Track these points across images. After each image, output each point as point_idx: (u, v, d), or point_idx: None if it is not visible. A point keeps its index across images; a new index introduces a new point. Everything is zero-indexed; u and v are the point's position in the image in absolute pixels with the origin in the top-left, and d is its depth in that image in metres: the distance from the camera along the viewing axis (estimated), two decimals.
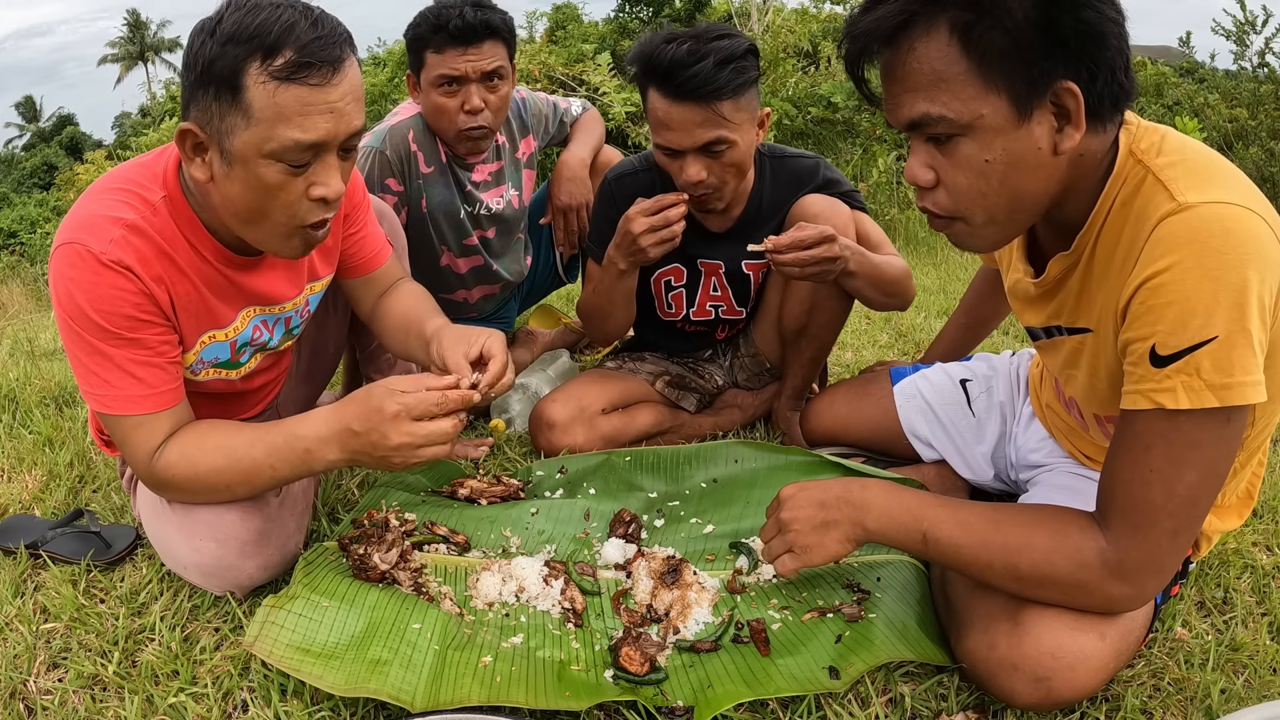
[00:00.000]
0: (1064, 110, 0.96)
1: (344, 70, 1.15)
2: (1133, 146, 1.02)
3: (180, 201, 1.27)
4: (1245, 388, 0.92)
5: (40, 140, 41.63)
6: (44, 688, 1.21)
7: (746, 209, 1.86)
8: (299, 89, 1.11)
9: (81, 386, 1.26)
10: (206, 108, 1.14)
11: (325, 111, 1.14)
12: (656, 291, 1.99)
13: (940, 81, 0.96)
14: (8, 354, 3.09)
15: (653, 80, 1.63)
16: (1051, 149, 0.98)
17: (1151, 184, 0.98)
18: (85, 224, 1.21)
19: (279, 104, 1.11)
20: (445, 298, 2.33)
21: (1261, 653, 1.22)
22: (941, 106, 0.97)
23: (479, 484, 1.70)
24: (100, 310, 1.20)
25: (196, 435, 1.28)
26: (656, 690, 1.14)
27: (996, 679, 1.07)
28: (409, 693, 1.11)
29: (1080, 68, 0.94)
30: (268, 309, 1.43)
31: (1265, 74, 6.23)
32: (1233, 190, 0.94)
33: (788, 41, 7.10)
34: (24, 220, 17.64)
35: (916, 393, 1.73)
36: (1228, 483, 1.19)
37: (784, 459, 1.67)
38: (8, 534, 1.57)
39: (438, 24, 1.92)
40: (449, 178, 2.14)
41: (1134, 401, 0.97)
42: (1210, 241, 0.91)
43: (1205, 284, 0.91)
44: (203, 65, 1.12)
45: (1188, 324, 0.91)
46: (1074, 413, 1.32)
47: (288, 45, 1.10)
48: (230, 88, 1.11)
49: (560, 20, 20.22)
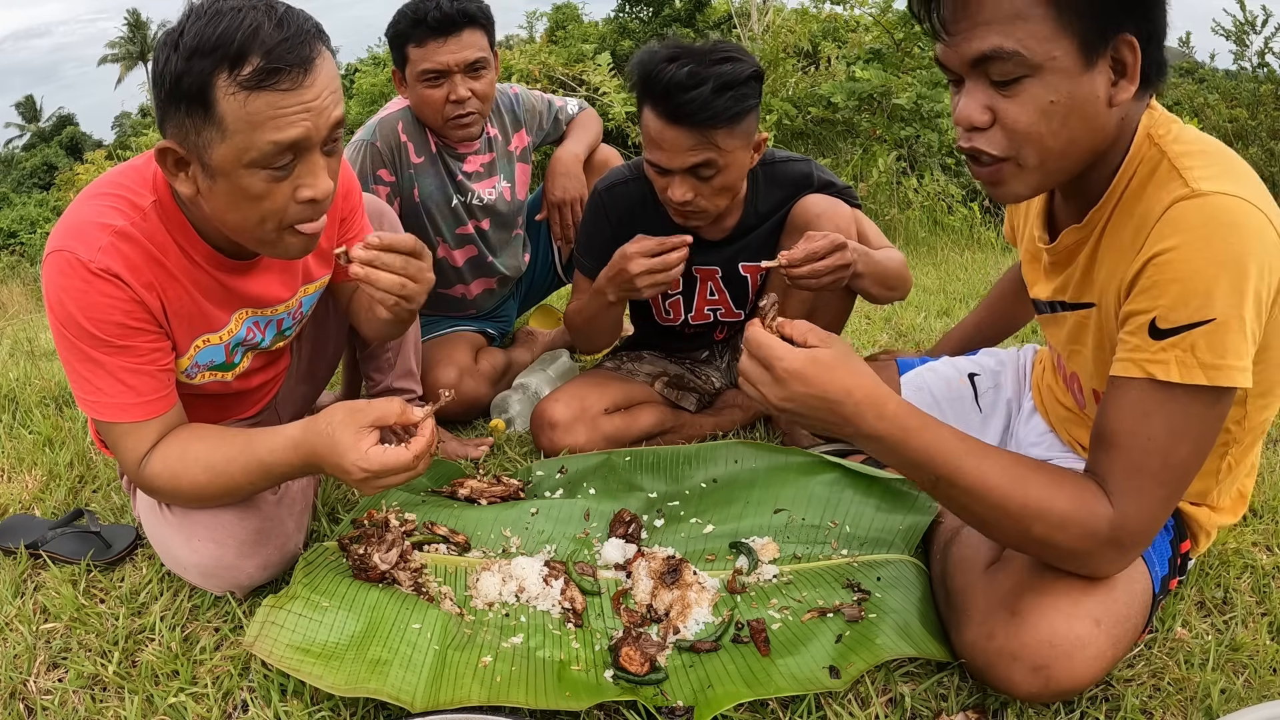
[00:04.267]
0: (1120, 64, 0.99)
1: (315, 69, 1.11)
2: (1151, 130, 1.05)
3: (170, 206, 1.26)
4: (1235, 371, 0.96)
5: (40, 140, 41.63)
6: (44, 688, 1.21)
7: (743, 217, 1.85)
8: (270, 95, 1.08)
9: (75, 392, 1.26)
10: (181, 124, 1.11)
11: (301, 112, 1.11)
12: (654, 301, 1.97)
13: (1018, 18, 0.98)
14: (8, 354, 3.09)
15: (648, 98, 1.59)
16: (1107, 100, 1.01)
17: (1167, 169, 1.02)
18: (75, 231, 1.20)
19: (251, 113, 1.08)
20: (444, 293, 2.33)
21: (1261, 653, 1.22)
22: (1016, 43, 0.98)
23: (479, 484, 1.70)
24: (91, 318, 1.19)
25: (179, 446, 1.28)
26: (656, 690, 1.14)
27: (995, 669, 1.08)
28: (409, 693, 1.11)
29: (1141, 26, 0.98)
30: (260, 311, 1.43)
31: (1265, 74, 6.23)
32: (1245, 187, 0.98)
33: (788, 41, 7.09)
34: (24, 220, 17.65)
35: (924, 385, 1.72)
36: (1223, 482, 1.21)
37: (784, 459, 1.66)
38: (8, 534, 1.57)
39: (416, 18, 1.96)
40: (440, 167, 2.16)
41: (1126, 369, 1.01)
42: (1219, 230, 0.95)
43: (1210, 267, 0.94)
44: (170, 81, 1.08)
45: (1189, 301, 0.95)
46: (1074, 389, 1.33)
47: (253, 52, 1.06)
48: (201, 103, 1.08)
49: (560, 20, 20.23)
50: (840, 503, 1.55)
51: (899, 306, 3.27)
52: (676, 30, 19.45)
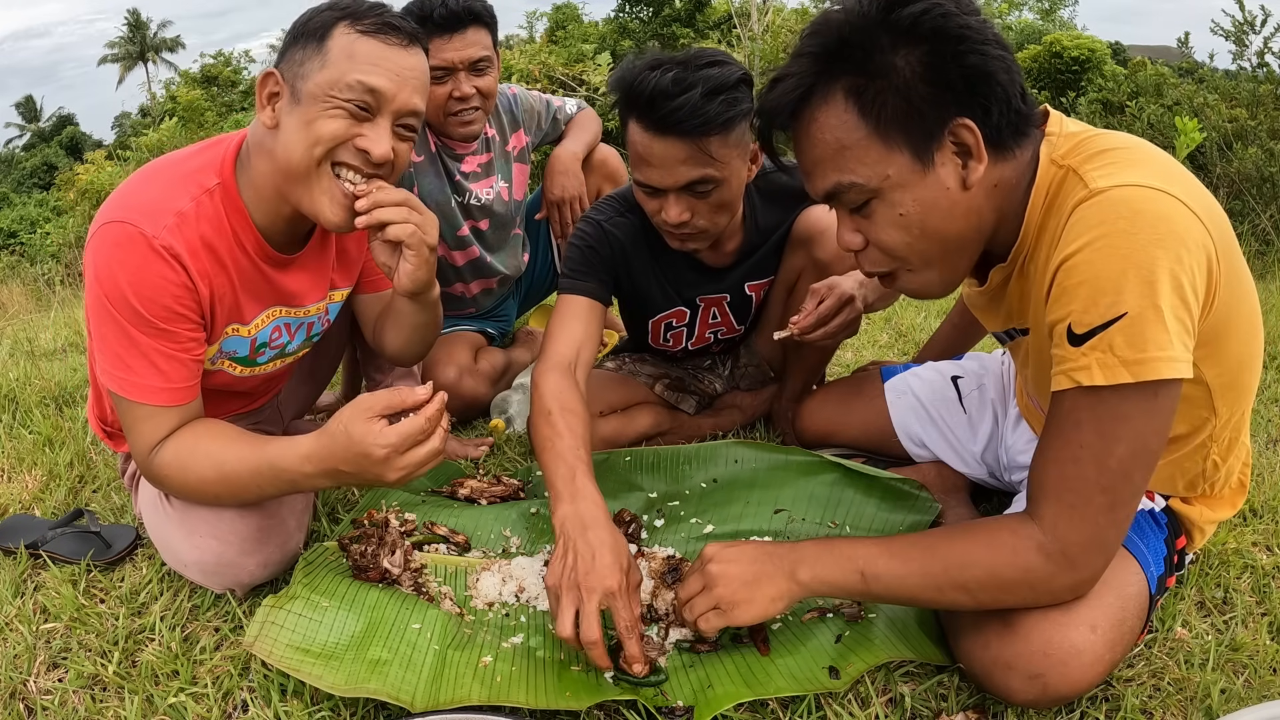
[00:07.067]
0: (964, 146, 1.01)
1: (417, 49, 1.29)
2: (1053, 155, 1.04)
3: (232, 190, 1.29)
4: (1159, 363, 0.92)
5: (40, 140, 41.67)
6: (44, 688, 1.21)
7: (745, 237, 1.76)
8: (375, 42, 1.24)
9: (102, 364, 1.26)
10: (293, 57, 1.25)
11: (392, 70, 1.25)
12: (654, 330, 1.91)
13: (844, 149, 1.03)
14: (8, 354, 3.09)
15: (633, 111, 1.45)
16: (960, 185, 1.02)
17: (1071, 179, 1.01)
18: (140, 205, 1.22)
19: (355, 51, 1.23)
20: (444, 292, 2.33)
21: (1261, 653, 1.22)
22: (850, 174, 1.03)
23: (479, 484, 1.70)
24: (141, 295, 1.20)
25: (191, 440, 1.28)
26: (656, 690, 1.14)
27: (992, 678, 1.08)
28: (409, 693, 1.11)
29: (973, 106, 0.99)
30: (290, 311, 1.44)
31: (1264, 74, 6.23)
32: (1147, 174, 0.95)
33: (788, 41, 7.10)
34: (24, 220, 17.66)
35: (908, 389, 1.73)
36: (1212, 477, 1.20)
37: (784, 459, 1.67)
38: (8, 534, 1.57)
39: (421, 15, 1.96)
40: (438, 167, 2.17)
41: (1058, 382, 1.00)
42: (1118, 223, 0.93)
43: (1114, 262, 0.92)
44: (302, 24, 1.27)
45: (1098, 301, 0.93)
46: (1037, 408, 1.33)
47: (376, 14, 1.26)
48: (319, 38, 1.24)
49: (560, 20, 20.24)
50: (840, 503, 1.55)
51: (899, 306, 3.28)
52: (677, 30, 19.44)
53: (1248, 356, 1.09)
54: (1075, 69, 12.18)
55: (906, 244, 1.06)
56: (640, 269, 1.76)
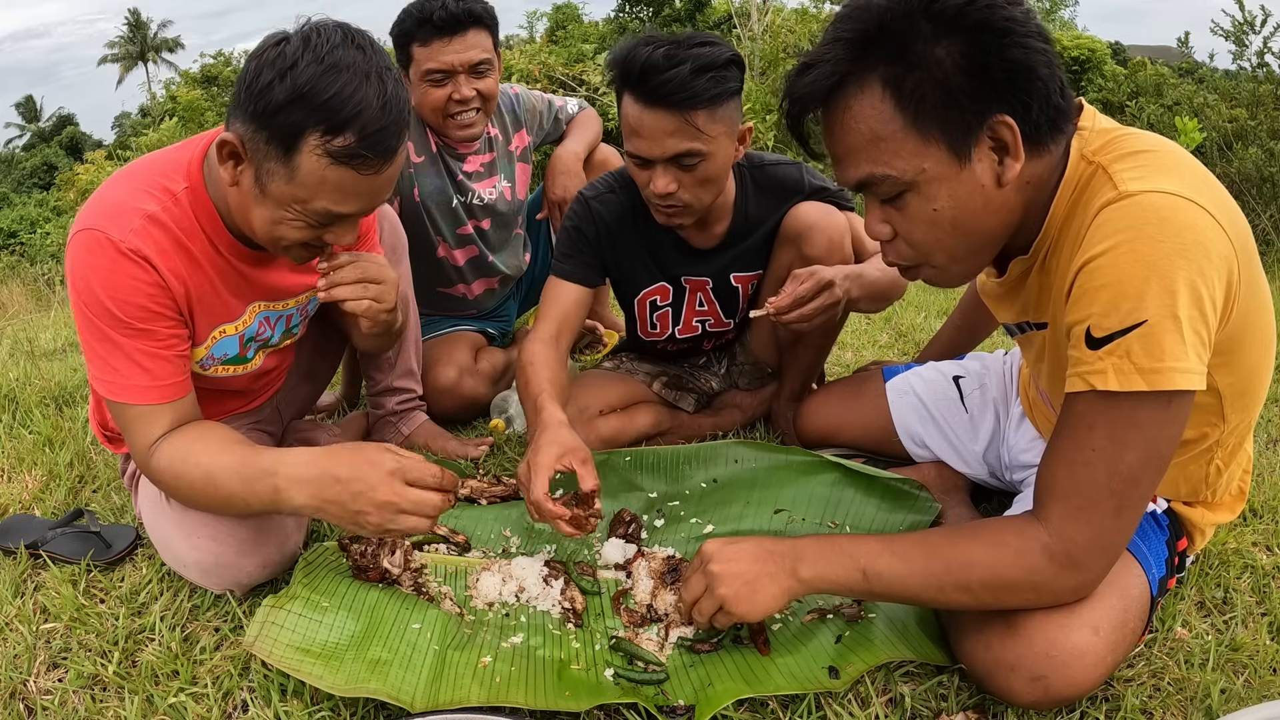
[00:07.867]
0: (1002, 143, 0.98)
1: (394, 160, 1.20)
2: (1084, 150, 1.03)
3: (201, 193, 1.29)
4: (1174, 374, 0.92)
5: (40, 140, 41.66)
6: (44, 688, 1.21)
7: (733, 223, 1.81)
8: (349, 173, 1.16)
9: (90, 371, 1.27)
10: (255, 139, 1.16)
11: (365, 194, 1.20)
12: (640, 312, 1.94)
13: (879, 140, 1.00)
14: (8, 354, 3.09)
15: (626, 84, 1.54)
16: (995, 182, 1.00)
17: (1100, 177, 0.99)
18: (107, 211, 1.23)
19: (325, 179, 1.16)
20: (445, 292, 2.34)
21: (1261, 653, 1.22)
22: (884, 166, 1.00)
23: (479, 484, 1.70)
24: (115, 298, 1.21)
25: (184, 445, 1.27)
26: (657, 690, 1.14)
27: (994, 679, 1.07)
28: (409, 693, 1.11)
29: (1014, 102, 0.96)
30: (272, 305, 1.45)
31: (1264, 74, 6.24)
32: (1179, 181, 0.94)
33: (788, 41, 7.11)
34: (24, 220, 17.65)
35: (909, 389, 1.73)
36: (1214, 483, 1.20)
37: (784, 459, 1.67)
38: (8, 534, 1.57)
39: (421, 17, 1.97)
40: (440, 167, 2.17)
41: (1073, 384, 0.99)
42: (1145, 229, 0.92)
43: (1137, 269, 0.91)
44: (266, 107, 1.12)
45: (1119, 306, 0.92)
46: (1047, 404, 1.33)
47: (352, 128, 1.13)
48: (285, 145, 1.14)
49: (560, 20, 20.25)
50: (841, 503, 1.55)
51: (899, 307, 3.28)
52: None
53: (1261, 364, 1.09)
54: (1075, 69, 12.19)
55: (936, 239, 1.05)
56: (625, 244, 1.81)
